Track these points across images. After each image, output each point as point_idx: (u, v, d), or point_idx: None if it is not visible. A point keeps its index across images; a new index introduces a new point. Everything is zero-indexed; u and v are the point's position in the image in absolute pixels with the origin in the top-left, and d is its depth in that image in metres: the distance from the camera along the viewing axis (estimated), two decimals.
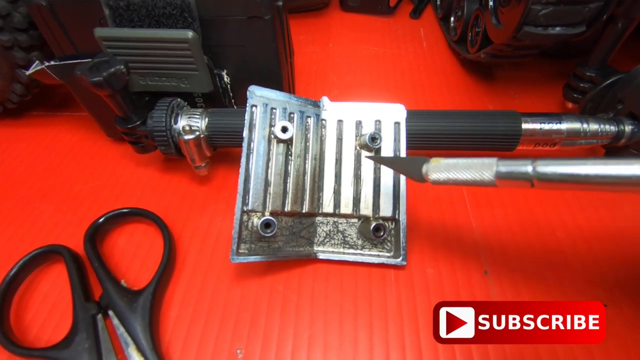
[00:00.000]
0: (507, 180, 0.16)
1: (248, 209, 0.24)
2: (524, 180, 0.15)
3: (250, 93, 0.25)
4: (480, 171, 0.17)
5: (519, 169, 0.15)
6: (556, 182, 0.14)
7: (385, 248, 0.26)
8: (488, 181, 0.16)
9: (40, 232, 0.28)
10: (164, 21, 0.25)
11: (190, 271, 0.26)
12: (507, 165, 0.16)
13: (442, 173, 0.18)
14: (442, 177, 0.18)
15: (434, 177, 0.19)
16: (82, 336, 0.22)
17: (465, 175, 0.17)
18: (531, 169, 0.15)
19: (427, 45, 0.46)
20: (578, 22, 0.26)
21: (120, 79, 0.24)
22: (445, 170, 0.18)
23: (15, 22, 0.28)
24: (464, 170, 0.17)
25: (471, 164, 0.17)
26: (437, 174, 0.19)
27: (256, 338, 0.23)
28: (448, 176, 0.18)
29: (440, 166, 0.18)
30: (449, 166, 0.18)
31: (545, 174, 0.14)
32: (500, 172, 0.16)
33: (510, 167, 0.16)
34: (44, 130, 0.37)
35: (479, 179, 0.17)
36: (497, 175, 0.16)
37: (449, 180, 0.18)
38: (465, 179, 0.17)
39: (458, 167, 0.18)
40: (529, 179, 0.15)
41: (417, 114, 0.27)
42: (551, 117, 0.27)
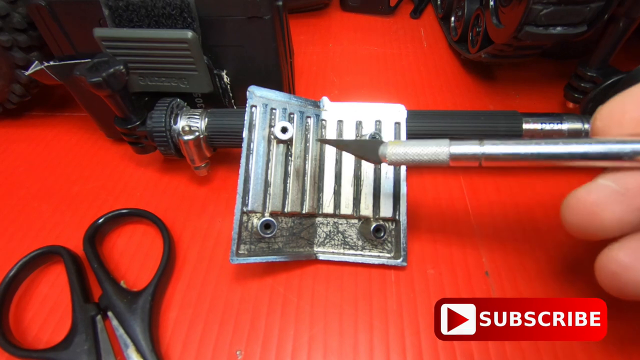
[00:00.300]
0: (458, 160, 0.18)
1: (248, 210, 0.24)
2: (473, 160, 0.17)
3: (249, 93, 0.25)
4: (434, 151, 0.18)
5: (469, 150, 0.17)
6: (500, 160, 0.17)
7: (385, 249, 0.26)
8: (442, 160, 0.18)
9: (40, 233, 0.28)
10: (163, 21, 0.25)
11: (190, 272, 0.26)
12: (458, 146, 0.18)
13: (398, 154, 0.19)
14: (399, 157, 0.19)
15: (391, 158, 0.20)
16: (81, 337, 0.22)
17: (422, 156, 0.19)
18: (479, 149, 0.17)
19: (427, 45, 0.46)
20: (579, 22, 0.26)
21: (120, 79, 0.24)
22: (402, 151, 0.19)
23: (15, 22, 0.28)
24: (419, 149, 0.19)
25: (426, 144, 0.19)
26: (394, 155, 0.19)
27: (256, 339, 0.23)
28: (405, 157, 0.19)
29: (398, 146, 0.20)
30: (406, 146, 0.19)
31: (491, 154, 0.17)
32: (452, 153, 0.18)
33: (461, 148, 0.18)
34: (43, 131, 0.36)
35: (434, 159, 0.18)
36: (451, 156, 0.18)
37: (405, 160, 0.19)
38: (420, 159, 0.19)
39: (414, 147, 0.19)
40: (477, 158, 0.17)
41: (418, 114, 0.27)
42: (552, 117, 0.27)
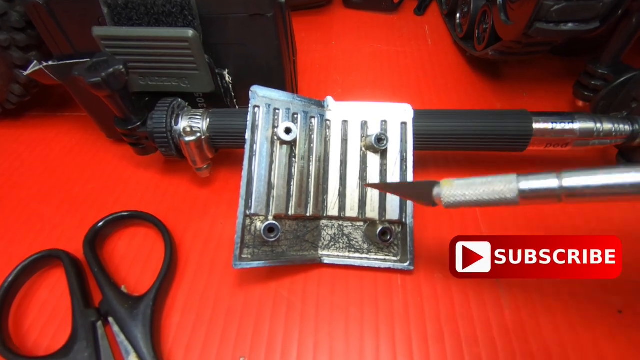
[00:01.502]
0: (531, 198, 0.15)
1: (251, 213, 0.23)
2: (550, 198, 0.14)
3: (252, 93, 0.24)
4: (500, 190, 0.15)
5: (544, 185, 0.14)
6: (587, 197, 0.13)
7: (391, 252, 0.25)
8: (510, 200, 0.15)
9: (39, 236, 0.28)
10: (163, 19, 0.25)
11: (192, 276, 0.25)
12: (530, 181, 0.15)
13: (456, 195, 0.17)
14: (457, 199, 0.17)
15: (447, 201, 0.17)
16: (81, 344, 0.21)
17: (484, 196, 0.16)
18: (557, 183, 0.14)
19: (432, 43, 0.45)
20: (592, 18, 0.25)
21: (119, 79, 0.24)
22: (460, 192, 0.17)
23: (13, 21, 0.28)
24: (481, 190, 0.16)
25: (488, 182, 0.16)
26: (451, 197, 0.17)
27: (260, 345, 0.22)
28: (464, 198, 0.17)
29: (454, 188, 0.17)
30: (464, 187, 0.17)
31: (574, 187, 0.13)
32: (523, 190, 0.15)
33: (534, 183, 0.14)
34: (43, 131, 0.36)
35: (499, 199, 0.15)
36: (521, 193, 0.15)
37: (465, 202, 0.17)
38: (483, 200, 0.16)
39: (474, 187, 0.16)
40: (556, 195, 0.14)
41: (424, 114, 0.27)
42: (563, 117, 0.26)
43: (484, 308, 0.23)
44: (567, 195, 0.14)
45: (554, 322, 0.22)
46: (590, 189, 0.13)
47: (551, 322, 0.22)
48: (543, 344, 0.22)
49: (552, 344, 0.22)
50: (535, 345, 0.22)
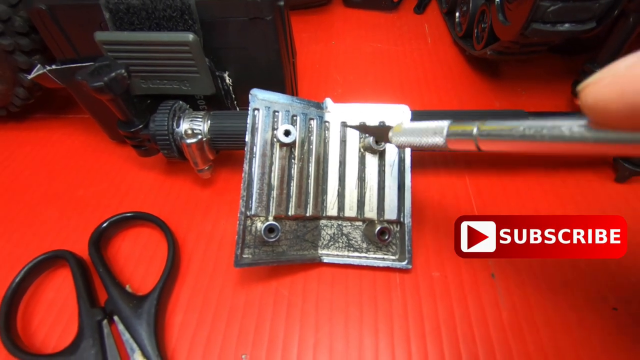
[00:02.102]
0: (456, 140, 0.16)
1: (251, 214, 0.24)
2: (469, 140, 0.16)
3: (252, 96, 0.25)
4: (433, 135, 0.17)
5: (465, 129, 0.16)
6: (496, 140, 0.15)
7: (390, 251, 0.26)
8: (441, 144, 0.17)
9: (45, 238, 0.28)
10: (164, 24, 0.25)
11: (195, 276, 0.26)
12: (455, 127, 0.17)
13: (402, 137, 0.20)
14: (402, 140, 0.20)
15: (396, 141, 0.20)
16: (88, 342, 0.22)
17: (421, 140, 0.18)
18: (476, 129, 0.15)
19: (431, 41, 0.46)
20: (588, 19, 0.25)
21: (122, 83, 0.24)
22: (404, 135, 0.19)
23: (16, 26, 0.28)
24: (421, 134, 0.18)
25: (427, 128, 0.18)
26: (397, 138, 0.20)
27: (261, 344, 0.23)
28: (407, 139, 0.19)
29: (400, 133, 0.20)
30: (407, 131, 0.19)
31: (487, 131, 0.15)
32: (449, 134, 0.17)
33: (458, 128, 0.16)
34: (47, 134, 0.37)
35: (433, 143, 0.18)
36: (447, 137, 0.17)
37: (407, 143, 0.19)
38: (420, 143, 0.18)
39: (416, 132, 0.19)
40: (473, 138, 0.15)
41: (422, 115, 0.27)
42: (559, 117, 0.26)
43: (481, 307, 0.24)
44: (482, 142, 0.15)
45: (550, 320, 0.23)
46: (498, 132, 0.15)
47: (547, 320, 0.23)
48: (539, 342, 0.22)
49: (548, 343, 0.22)
50: (531, 344, 0.22)
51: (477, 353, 0.22)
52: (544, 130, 0.13)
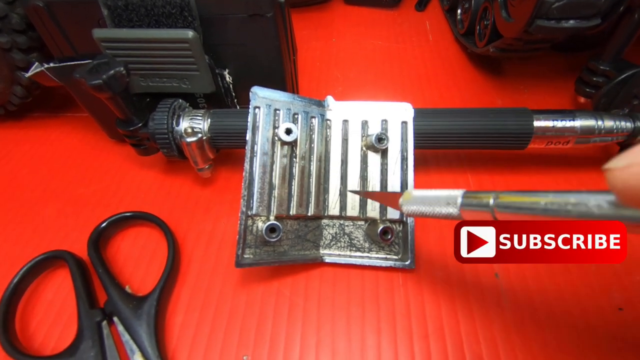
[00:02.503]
0: (470, 211, 0.16)
1: (252, 214, 0.23)
2: (485, 211, 0.15)
3: (253, 94, 0.24)
4: (445, 205, 0.17)
5: (481, 200, 0.15)
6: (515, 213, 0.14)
7: (392, 251, 0.25)
8: (455, 215, 0.17)
9: (44, 238, 0.28)
10: (163, 21, 0.25)
11: (195, 276, 0.26)
12: (470, 197, 0.16)
13: (412, 206, 0.19)
14: (412, 209, 0.19)
15: (406, 210, 0.19)
16: (87, 344, 0.22)
17: (433, 209, 0.18)
18: (492, 200, 0.15)
19: (433, 39, 0.45)
20: (593, 15, 0.25)
21: (120, 81, 0.24)
22: (417, 204, 0.19)
23: (13, 23, 0.28)
24: (433, 204, 0.18)
25: (439, 197, 0.17)
26: (408, 207, 0.19)
27: (263, 344, 0.23)
28: (418, 209, 0.18)
29: (413, 199, 0.19)
30: (420, 199, 0.19)
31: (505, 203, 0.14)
32: (463, 204, 0.16)
33: (473, 199, 0.16)
34: (45, 132, 0.36)
35: (446, 212, 0.17)
36: (462, 207, 0.16)
37: (418, 212, 0.19)
38: (433, 213, 0.18)
39: (427, 200, 0.18)
40: (490, 210, 0.15)
41: (425, 113, 0.27)
42: (564, 114, 0.26)
43: (485, 307, 0.23)
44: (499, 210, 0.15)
45: (554, 319, 0.23)
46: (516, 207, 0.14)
47: (551, 319, 0.23)
48: (543, 341, 0.22)
49: (553, 342, 0.22)
50: (535, 343, 0.22)
51: (480, 353, 0.22)
52: (568, 206, 0.12)
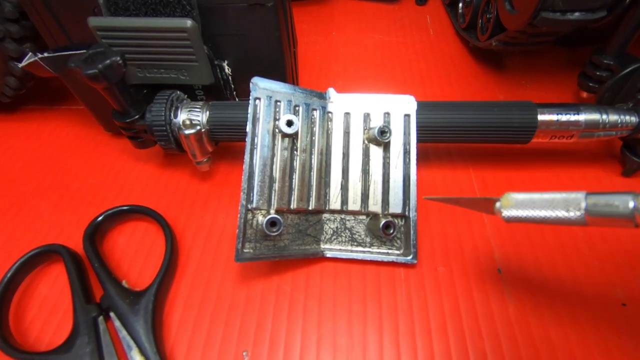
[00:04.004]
0: (601, 218, 0.13)
1: (252, 207, 0.23)
2: (625, 219, 0.12)
3: (253, 85, 0.24)
4: (566, 209, 0.14)
5: (617, 206, 0.13)
6: None
7: (394, 246, 0.25)
8: (575, 220, 0.14)
9: (38, 232, 0.27)
10: (161, 9, 0.24)
11: (194, 271, 0.25)
12: (600, 202, 0.13)
13: (517, 210, 0.17)
14: (518, 214, 0.17)
15: (507, 215, 0.17)
16: (83, 340, 0.21)
17: (547, 213, 0.15)
18: (633, 204, 0.12)
19: (433, 33, 0.45)
20: (598, 7, 0.25)
21: (117, 71, 0.23)
22: (522, 208, 0.16)
23: (6, 12, 0.27)
24: (545, 207, 0.15)
25: (553, 200, 0.15)
26: (511, 212, 0.17)
27: (263, 340, 0.22)
28: (526, 214, 0.16)
29: (516, 204, 0.17)
30: (526, 203, 0.16)
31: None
32: (591, 211, 0.14)
33: (605, 204, 0.13)
34: (40, 125, 0.35)
35: (564, 217, 0.15)
36: (588, 213, 0.14)
37: (526, 218, 0.16)
38: (546, 217, 0.15)
39: (537, 204, 0.16)
40: (631, 217, 0.12)
41: (428, 106, 0.26)
42: (568, 108, 0.25)
43: (488, 302, 0.23)
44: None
45: (558, 315, 0.22)
46: None
47: (554, 315, 0.22)
48: (547, 337, 0.22)
49: (556, 338, 0.22)
50: (539, 339, 0.22)
51: (484, 348, 0.21)
52: None
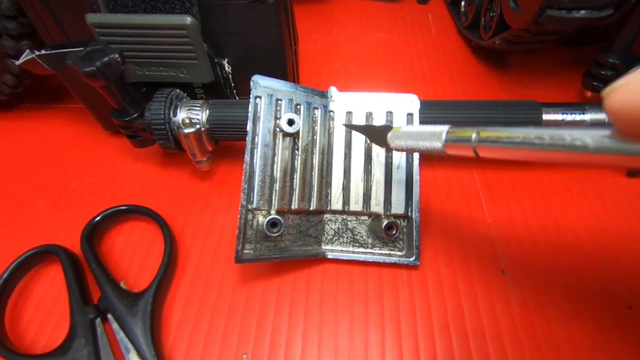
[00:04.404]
0: (454, 146, 0.16)
1: (253, 207, 0.22)
2: (467, 145, 0.15)
3: (254, 83, 0.23)
4: (431, 138, 0.18)
5: (464, 135, 0.16)
6: (494, 146, 0.14)
7: (397, 247, 0.25)
8: (439, 148, 0.17)
9: (35, 232, 0.27)
10: (160, 6, 0.24)
11: (193, 272, 0.25)
12: (454, 134, 0.17)
13: (400, 140, 0.20)
14: (400, 143, 0.20)
15: (393, 144, 0.20)
16: (80, 342, 0.21)
17: (419, 143, 0.18)
18: (474, 135, 0.15)
19: (435, 32, 0.44)
20: (605, 5, 0.24)
21: (115, 68, 0.23)
22: (403, 138, 0.19)
23: (3, 9, 0.27)
24: (418, 137, 0.18)
25: (424, 131, 0.18)
26: (396, 141, 0.20)
27: (263, 342, 0.22)
28: (405, 143, 0.19)
29: (399, 134, 0.20)
30: (405, 134, 0.19)
31: (486, 137, 0.15)
32: (448, 139, 0.17)
33: (457, 133, 0.16)
34: (37, 124, 0.35)
35: (431, 147, 0.18)
36: (445, 142, 0.17)
37: (405, 146, 0.19)
38: (418, 147, 0.18)
39: (412, 135, 0.19)
40: (472, 144, 0.15)
41: (431, 105, 0.26)
42: (574, 108, 0.25)
43: (491, 303, 0.23)
44: (479, 144, 0.15)
45: (563, 316, 0.22)
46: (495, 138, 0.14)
47: (559, 316, 0.22)
48: (551, 338, 0.21)
49: (561, 339, 0.21)
50: (543, 341, 0.21)
51: (487, 350, 0.21)
52: (562, 141, 0.12)
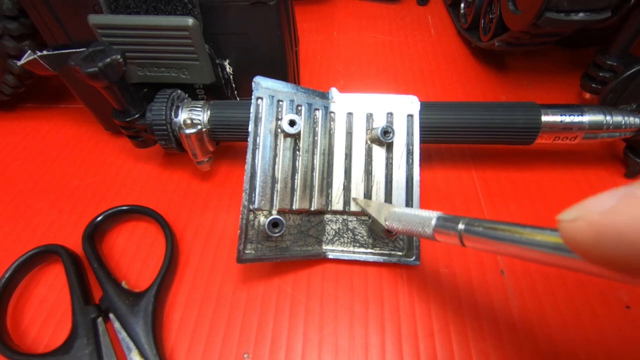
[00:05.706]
0: (443, 234, 0.16)
1: (254, 208, 0.23)
2: (454, 234, 0.15)
3: (255, 84, 0.23)
4: (422, 226, 0.18)
5: (452, 224, 0.16)
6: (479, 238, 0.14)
7: (397, 247, 0.25)
8: (429, 236, 0.17)
9: (37, 232, 0.27)
10: (162, 7, 0.24)
11: (194, 272, 0.25)
12: (443, 221, 0.17)
13: (394, 223, 0.20)
14: (395, 226, 0.20)
15: (389, 225, 0.21)
16: (82, 341, 0.21)
17: (411, 228, 0.18)
18: (462, 226, 0.15)
19: (435, 34, 0.45)
20: (603, 7, 0.24)
21: (117, 69, 0.23)
22: (396, 221, 0.20)
23: (5, 9, 0.27)
24: (409, 224, 0.19)
25: (414, 218, 0.18)
26: (391, 223, 0.20)
27: (264, 342, 0.22)
28: (400, 226, 0.19)
29: (391, 216, 0.20)
30: (397, 217, 0.20)
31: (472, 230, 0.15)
32: (436, 225, 0.17)
33: (444, 222, 0.16)
34: (39, 124, 0.35)
35: (422, 233, 0.18)
36: (435, 230, 0.17)
37: (401, 230, 0.19)
38: (412, 231, 0.18)
39: (403, 219, 0.19)
40: (458, 234, 0.15)
41: (431, 106, 0.26)
42: (572, 109, 0.25)
43: (491, 304, 0.23)
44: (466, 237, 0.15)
45: (562, 317, 0.22)
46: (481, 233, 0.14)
47: (558, 317, 0.22)
48: (550, 339, 0.21)
49: (560, 340, 0.21)
50: (543, 341, 0.21)
51: (487, 350, 0.21)
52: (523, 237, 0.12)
